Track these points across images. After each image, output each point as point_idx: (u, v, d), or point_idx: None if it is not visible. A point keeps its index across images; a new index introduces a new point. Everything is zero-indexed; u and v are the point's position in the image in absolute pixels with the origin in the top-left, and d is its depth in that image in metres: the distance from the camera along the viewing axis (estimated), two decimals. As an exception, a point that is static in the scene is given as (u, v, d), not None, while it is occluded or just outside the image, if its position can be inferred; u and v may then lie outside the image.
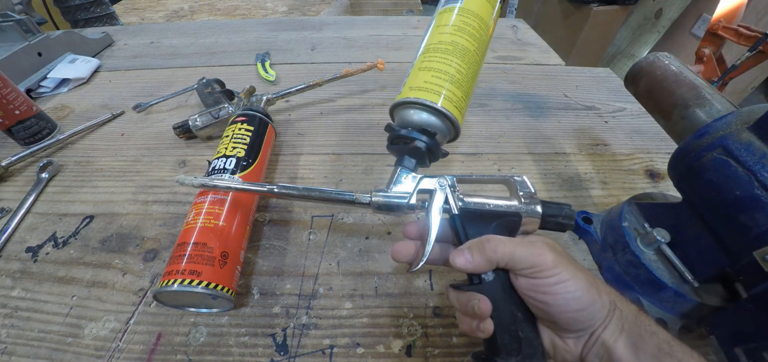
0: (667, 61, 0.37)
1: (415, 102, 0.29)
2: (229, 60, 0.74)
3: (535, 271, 0.21)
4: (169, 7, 1.45)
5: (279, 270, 0.37)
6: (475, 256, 0.23)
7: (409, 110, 0.30)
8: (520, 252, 0.21)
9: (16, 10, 0.72)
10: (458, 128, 0.30)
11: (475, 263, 0.23)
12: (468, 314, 0.23)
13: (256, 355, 0.31)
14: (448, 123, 0.29)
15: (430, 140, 0.29)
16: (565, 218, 0.25)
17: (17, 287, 0.35)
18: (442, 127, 0.29)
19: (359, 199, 0.28)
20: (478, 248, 0.23)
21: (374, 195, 0.28)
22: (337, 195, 0.29)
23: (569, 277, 0.20)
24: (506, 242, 0.22)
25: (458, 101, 0.29)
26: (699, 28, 1.52)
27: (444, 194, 0.26)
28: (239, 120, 0.43)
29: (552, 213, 0.25)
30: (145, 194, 0.44)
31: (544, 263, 0.21)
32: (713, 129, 0.27)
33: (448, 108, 0.28)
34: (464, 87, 0.30)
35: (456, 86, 0.29)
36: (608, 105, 0.62)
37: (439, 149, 0.30)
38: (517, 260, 0.21)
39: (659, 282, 0.30)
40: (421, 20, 0.92)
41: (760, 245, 0.24)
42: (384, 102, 0.61)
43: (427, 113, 0.29)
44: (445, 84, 0.29)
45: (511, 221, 0.25)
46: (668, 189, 0.46)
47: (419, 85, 0.29)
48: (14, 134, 0.49)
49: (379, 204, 0.28)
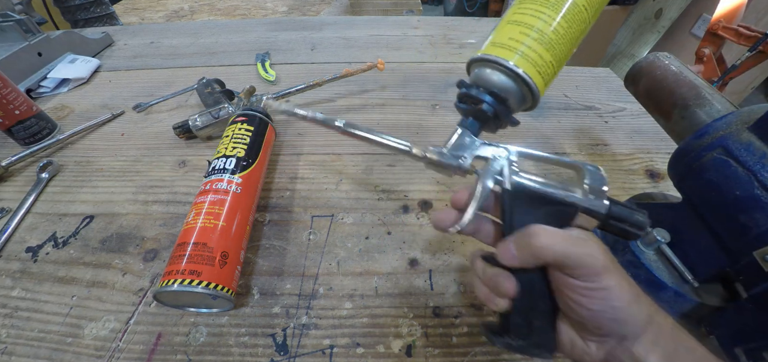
0: (667, 61, 0.37)
1: (489, 60, 0.26)
2: (229, 60, 0.74)
3: (581, 273, 0.19)
4: (169, 7, 1.45)
5: (279, 270, 0.37)
6: (522, 252, 0.21)
7: (483, 68, 0.26)
8: (573, 251, 0.19)
9: (16, 10, 0.72)
10: (537, 96, 0.26)
11: (522, 260, 0.21)
12: (490, 287, 0.22)
13: (256, 355, 0.31)
14: (524, 88, 0.25)
15: (498, 105, 0.26)
16: (633, 225, 0.21)
17: (17, 287, 0.35)
18: (516, 91, 0.26)
19: (414, 151, 0.27)
20: (524, 241, 0.21)
21: (429, 151, 0.26)
22: (395, 143, 0.28)
23: (614, 285, 0.19)
24: (558, 236, 0.20)
25: (544, 64, 0.25)
26: (699, 28, 1.52)
27: (500, 166, 0.24)
28: (239, 120, 0.43)
29: (619, 216, 0.21)
30: (145, 194, 0.44)
31: (594, 267, 0.19)
32: (713, 129, 0.27)
33: (526, 70, 0.24)
34: (557, 49, 0.25)
35: (544, 47, 0.24)
36: (608, 105, 0.62)
37: (509, 117, 0.27)
38: (565, 260, 0.19)
39: (659, 281, 0.30)
40: (421, 20, 0.92)
41: (760, 245, 0.24)
42: (384, 102, 0.61)
43: (504, 75, 0.25)
44: (528, 42, 0.24)
45: (563, 211, 0.22)
46: (668, 189, 0.46)
47: (503, 41, 0.25)
48: (14, 134, 0.49)
49: (432, 160, 0.26)
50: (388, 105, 0.60)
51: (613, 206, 0.21)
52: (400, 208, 0.43)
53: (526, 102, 0.27)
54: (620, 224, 0.21)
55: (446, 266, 0.37)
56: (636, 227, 0.21)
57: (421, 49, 0.79)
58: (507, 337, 0.22)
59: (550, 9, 0.24)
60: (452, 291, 0.35)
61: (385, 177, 0.47)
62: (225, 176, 0.36)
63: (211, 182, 0.35)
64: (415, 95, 0.63)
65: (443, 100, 0.62)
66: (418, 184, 0.46)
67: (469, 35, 0.85)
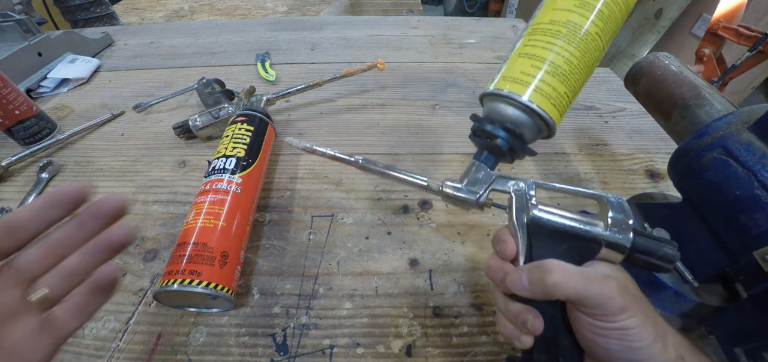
0: (667, 61, 0.37)
1: (501, 95, 0.25)
2: (229, 60, 0.74)
3: (597, 312, 0.18)
4: (169, 7, 1.45)
5: (279, 270, 0.37)
6: (534, 286, 0.20)
7: (495, 103, 0.26)
8: (588, 291, 0.19)
9: (16, 10, 0.72)
10: (553, 128, 0.26)
11: (532, 293, 0.20)
12: (514, 323, 0.22)
13: (256, 355, 0.31)
14: (538, 121, 0.25)
15: (514, 140, 0.26)
16: (661, 259, 0.20)
17: (17, 287, 0.35)
18: (530, 125, 0.25)
19: (431, 185, 0.28)
20: (537, 276, 0.20)
21: (445, 186, 0.26)
22: (412, 179, 0.29)
23: (635, 326, 0.18)
24: (573, 275, 0.19)
25: (558, 97, 0.24)
26: (699, 28, 1.52)
27: (520, 200, 0.24)
28: (239, 120, 0.43)
29: (645, 249, 0.20)
30: (145, 194, 0.44)
31: (612, 308, 0.18)
32: (713, 129, 0.27)
33: (540, 104, 0.24)
34: (572, 80, 0.24)
35: (558, 79, 0.24)
36: (608, 105, 0.62)
37: (524, 149, 0.26)
38: (581, 299, 0.19)
39: (659, 282, 0.30)
40: (421, 20, 0.92)
41: (760, 245, 0.24)
42: (384, 102, 0.61)
43: (514, 108, 0.25)
44: (540, 75, 0.24)
45: (587, 246, 0.21)
46: (668, 189, 0.46)
47: (513, 75, 0.25)
48: (14, 134, 0.49)
49: (449, 195, 0.26)
50: (388, 105, 0.60)
51: (637, 239, 0.20)
52: (400, 208, 0.43)
53: (542, 133, 0.27)
54: (647, 258, 0.20)
55: (446, 267, 0.37)
56: (665, 260, 0.20)
57: (421, 49, 0.79)
58: None
59: (562, 40, 0.24)
60: (452, 291, 0.35)
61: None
62: (225, 176, 0.36)
63: (211, 182, 0.35)
64: (415, 95, 0.63)
65: (443, 100, 0.62)
66: (418, 184, 0.46)
67: (469, 35, 0.85)
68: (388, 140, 0.53)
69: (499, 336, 0.32)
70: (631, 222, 0.21)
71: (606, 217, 0.21)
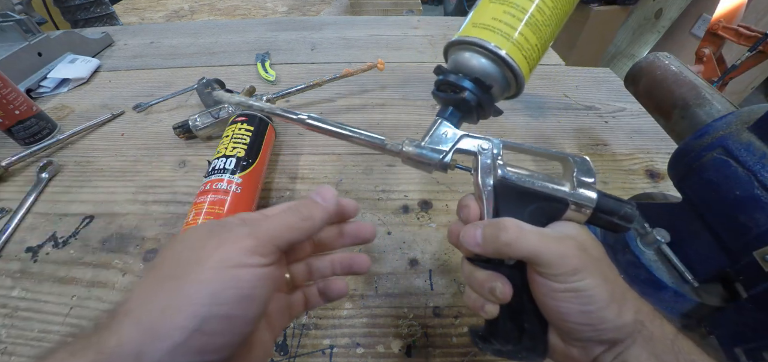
0: (667, 61, 0.37)
1: (473, 43, 0.23)
2: (229, 60, 0.74)
3: (552, 272, 0.18)
4: (169, 7, 1.45)
5: (279, 270, 0.37)
6: (487, 243, 0.20)
7: (464, 52, 0.24)
8: (542, 250, 0.18)
9: (16, 10, 0.72)
10: (522, 82, 0.24)
11: (484, 249, 0.20)
12: (481, 293, 0.21)
13: (256, 355, 0.31)
14: (510, 75, 0.23)
15: (482, 94, 0.24)
16: (622, 218, 0.20)
17: (17, 287, 0.35)
18: (501, 79, 0.24)
19: (389, 145, 0.25)
20: (491, 232, 0.20)
21: (406, 145, 0.24)
22: (367, 137, 0.25)
23: (589, 287, 0.18)
24: (528, 234, 0.19)
25: (530, 49, 0.23)
26: (699, 28, 1.52)
27: (487, 160, 0.22)
28: (239, 120, 0.43)
29: (607, 209, 0.20)
30: (145, 194, 0.44)
31: (565, 267, 0.18)
32: (713, 129, 0.27)
33: (514, 58, 0.22)
34: (543, 32, 0.23)
35: (532, 30, 0.22)
36: (608, 105, 0.62)
37: (492, 106, 0.25)
38: (536, 257, 0.18)
39: (659, 282, 0.30)
40: (421, 20, 0.92)
41: (760, 245, 0.24)
42: (384, 102, 0.61)
43: (487, 59, 0.23)
44: (517, 25, 0.22)
45: (553, 207, 0.21)
46: (668, 189, 0.46)
47: (485, 21, 0.23)
48: (14, 134, 0.49)
49: (410, 155, 0.24)
50: (388, 105, 0.60)
51: (601, 199, 0.20)
52: (400, 208, 0.43)
53: (510, 89, 0.25)
54: (609, 217, 0.20)
55: (446, 267, 0.37)
56: (625, 219, 0.20)
57: (421, 49, 0.79)
58: (496, 342, 0.21)
59: None
60: (452, 291, 0.35)
61: (385, 177, 0.47)
62: (225, 176, 0.36)
63: (211, 182, 0.35)
64: (415, 95, 0.63)
65: (443, 100, 0.61)
66: (418, 184, 0.46)
67: (469, 35, 0.85)
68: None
69: (478, 319, 0.32)
70: (593, 182, 0.21)
71: (571, 177, 0.21)
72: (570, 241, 0.19)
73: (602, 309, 0.18)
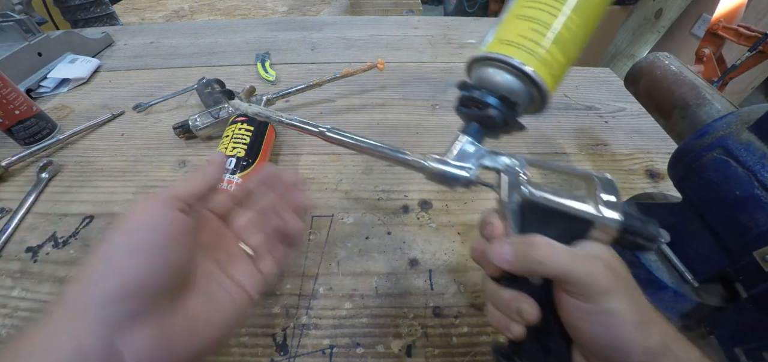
0: (667, 61, 0.37)
1: (500, 60, 0.23)
2: (229, 60, 0.74)
3: (581, 293, 0.18)
4: (169, 7, 1.45)
5: (279, 270, 0.37)
6: (518, 260, 0.20)
7: (490, 68, 0.24)
8: (574, 269, 0.18)
9: (16, 10, 0.72)
10: (548, 99, 0.24)
11: (513, 266, 0.20)
12: (507, 313, 0.20)
13: (256, 355, 0.31)
14: (534, 91, 0.23)
15: (507, 111, 0.23)
16: (646, 238, 0.20)
17: (17, 287, 0.35)
18: (526, 96, 0.23)
19: (412, 160, 0.24)
20: (522, 250, 0.19)
21: (430, 160, 0.24)
22: (390, 152, 0.25)
23: (618, 309, 0.17)
24: (559, 252, 0.19)
25: (558, 66, 0.23)
26: (699, 28, 1.52)
27: (512, 178, 0.22)
28: (239, 120, 0.43)
29: (632, 229, 0.20)
30: (145, 194, 0.44)
31: (597, 288, 0.17)
32: (713, 129, 0.27)
33: (538, 71, 0.22)
34: (570, 49, 0.23)
35: (559, 47, 0.22)
36: (608, 105, 0.62)
37: (516, 123, 0.25)
38: (566, 277, 0.18)
39: (659, 282, 0.30)
40: (421, 20, 0.92)
41: (760, 245, 0.24)
42: (384, 102, 0.61)
43: (513, 77, 0.23)
44: (544, 43, 0.22)
45: (578, 226, 0.21)
46: (668, 189, 0.46)
47: (510, 38, 0.23)
48: (14, 134, 0.49)
49: (435, 172, 0.24)
50: (388, 105, 0.60)
51: (627, 220, 0.20)
52: (400, 208, 0.43)
53: (534, 105, 0.25)
54: (633, 237, 0.20)
55: (446, 267, 0.37)
56: (648, 239, 0.20)
57: (421, 49, 0.79)
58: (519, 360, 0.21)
59: (562, 3, 0.22)
60: (452, 291, 0.35)
61: (385, 177, 0.47)
62: (225, 176, 0.36)
63: (211, 182, 0.35)
64: (415, 95, 0.63)
65: (443, 100, 0.62)
66: (418, 184, 0.46)
67: (469, 35, 0.85)
68: (388, 140, 0.52)
69: (499, 336, 0.32)
70: (618, 202, 0.21)
71: (596, 196, 0.21)
72: (599, 261, 0.18)
73: (631, 333, 0.17)
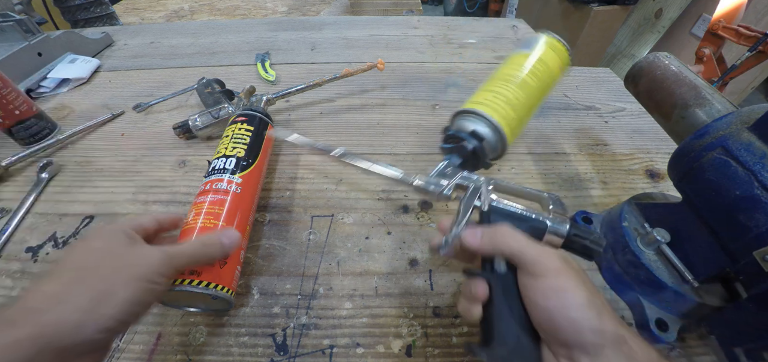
0: (667, 61, 0.37)
1: (471, 111, 0.34)
2: (229, 60, 0.74)
3: (536, 270, 0.21)
4: (169, 7, 1.45)
5: (279, 270, 0.37)
6: (484, 238, 0.24)
7: (465, 119, 0.35)
8: (528, 249, 0.22)
9: (16, 10, 0.72)
10: (505, 144, 0.34)
11: (482, 244, 0.24)
12: (466, 296, 0.24)
13: (256, 355, 0.31)
14: (496, 135, 0.33)
15: (477, 143, 0.33)
16: (592, 242, 0.25)
17: (17, 287, 0.35)
18: (490, 137, 0.33)
19: (403, 179, 0.32)
20: (489, 233, 0.24)
21: (416, 179, 0.31)
22: (387, 174, 0.33)
23: (569, 286, 0.20)
24: (519, 238, 0.23)
25: (510, 120, 0.34)
26: (699, 28, 1.52)
27: (478, 190, 0.28)
28: (239, 120, 0.43)
29: (578, 234, 0.25)
30: (145, 194, 0.44)
31: (548, 265, 0.21)
32: (713, 129, 0.27)
33: (499, 121, 0.33)
34: (518, 111, 0.35)
35: (510, 107, 0.34)
36: (608, 105, 0.62)
37: (484, 156, 0.34)
38: (523, 256, 0.22)
39: (659, 282, 0.30)
40: (421, 20, 0.92)
41: (760, 245, 0.24)
42: (384, 102, 0.61)
43: (481, 123, 0.34)
44: (500, 103, 0.34)
45: (535, 228, 0.26)
46: (668, 189, 0.46)
47: (479, 100, 0.35)
48: (14, 134, 0.49)
49: (418, 186, 0.31)
50: (388, 105, 0.60)
51: (572, 225, 0.26)
52: (400, 208, 0.43)
53: (498, 148, 0.34)
54: (581, 240, 0.25)
55: (446, 267, 0.37)
56: (595, 244, 0.25)
57: (421, 49, 0.79)
58: (488, 347, 0.22)
59: (511, 83, 0.36)
60: (452, 291, 0.35)
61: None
62: (225, 176, 0.36)
63: (211, 182, 0.35)
64: (415, 95, 0.63)
65: (443, 100, 0.62)
66: (418, 184, 0.46)
67: (469, 35, 0.85)
68: (388, 140, 0.53)
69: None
70: (566, 213, 0.27)
71: (548, 209, 0.27)
72: (552, 250, 0.22)
73: (582, 309, 0.19)
